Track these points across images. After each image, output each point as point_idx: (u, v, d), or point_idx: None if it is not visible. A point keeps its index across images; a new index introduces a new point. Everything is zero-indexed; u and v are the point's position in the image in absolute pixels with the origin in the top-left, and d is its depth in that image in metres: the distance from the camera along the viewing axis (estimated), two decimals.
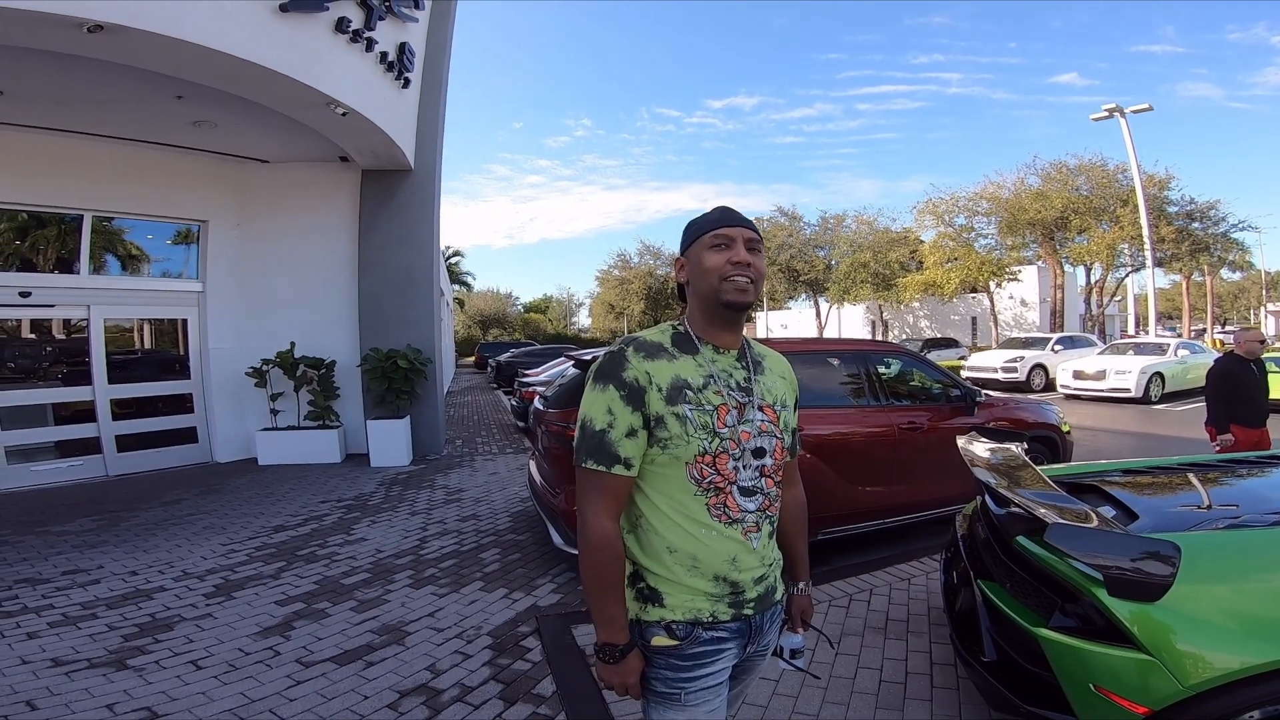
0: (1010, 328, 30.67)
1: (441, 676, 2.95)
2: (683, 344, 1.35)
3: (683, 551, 1.30)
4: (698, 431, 1.27)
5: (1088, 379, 14.10)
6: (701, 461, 1.28)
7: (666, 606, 1.31)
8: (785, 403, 1.43)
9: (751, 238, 1.34)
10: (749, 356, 1.41)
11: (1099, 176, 23.72)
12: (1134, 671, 1.78)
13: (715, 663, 1.33)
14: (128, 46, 4.56)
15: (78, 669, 2.99)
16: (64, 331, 7.48)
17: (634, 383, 1.27)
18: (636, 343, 1.33)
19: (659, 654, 1.31)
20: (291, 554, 4.66)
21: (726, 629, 1.33)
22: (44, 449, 7.07)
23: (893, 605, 3.60)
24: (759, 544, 1.35)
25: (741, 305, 1.32)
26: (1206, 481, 2.82)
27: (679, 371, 1.30)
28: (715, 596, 1.31)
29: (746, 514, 1.32)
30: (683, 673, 1.31)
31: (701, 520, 1.30)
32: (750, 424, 1.33)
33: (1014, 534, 2.26)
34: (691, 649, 1.30)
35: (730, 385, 1.33)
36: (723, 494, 1.30)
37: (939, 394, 5.19)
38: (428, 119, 8.63)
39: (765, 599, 1.38)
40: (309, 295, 8.42)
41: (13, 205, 6.83)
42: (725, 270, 1.30)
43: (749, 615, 1.34)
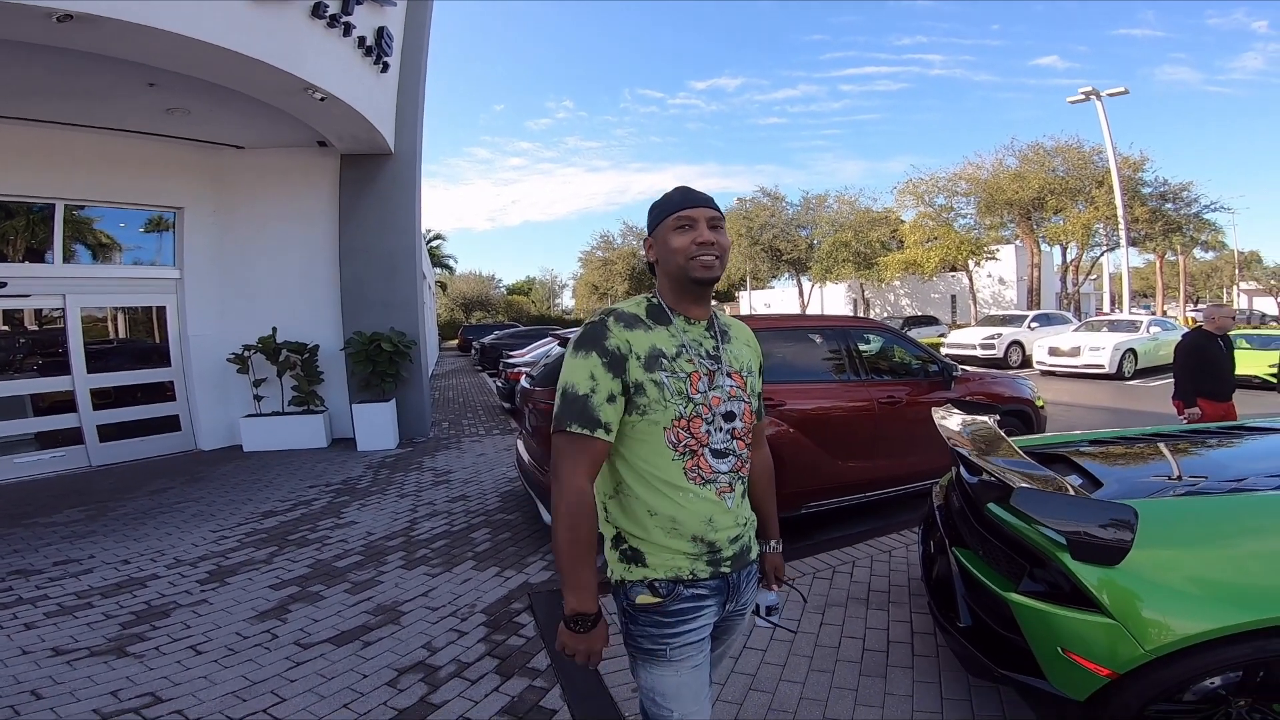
0: (989, 306, 31.07)
1: (438, 654, 3.02)
2: (657, 315, 1.43)
3: (663, 514, 1.37)
4: (674, 397, 1.35)
5: (1063, 355, 14.37)
6: (678, 426, 1.36)
7: (649, 566, 1.39)
8: (751, 369, 1.52)
9: (713, 216, 1.42)
10: (717, 326, 1.50)
11: (1075, 158, 23.98)
12: (1098, 635, 1.84)
13: (697, 619, 1.41)
14: (98, 35, 4.47)
15: (79, 657, 3.03)
16: (37, 322, 7.37)
17: (616, 350, 1.33)
18: (616, 313, 1.40)
19: (643, 612, 1.39)
20: (282, 539, 4.70)
21: (706, 586, 1.41)
22: (24, 441, 7.00)
23: (874, 577, 3.72)
24: (733, 503, 1.43)
25: (709, 280, 1.41)
26: (1172, 451, 2.93)
27: (655, 341, 1.38)
28: (694, 555, 1.39)
29: (719, 475, 1.41)
30: (666, 629, 1.38)
31: (678, 483, 1.37)
32: (720, 389, 1.41)
33: (986, 501, 2.32)
34: (673, 605, 1.38)
35: (701, 354, 1.42)
36: (697, 456, 1.38)
37: (918, 369, 5.30)
38: (407, 103, 8.54)
39: (741, 558, 1.47)
40: (290, 281, 8.36)
41: None
42: (691, 250, 1.38)
43: (726, 573, 1.43)
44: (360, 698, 2.67)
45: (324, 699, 2.65)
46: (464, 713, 2.55)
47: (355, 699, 2.65)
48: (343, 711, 2.56)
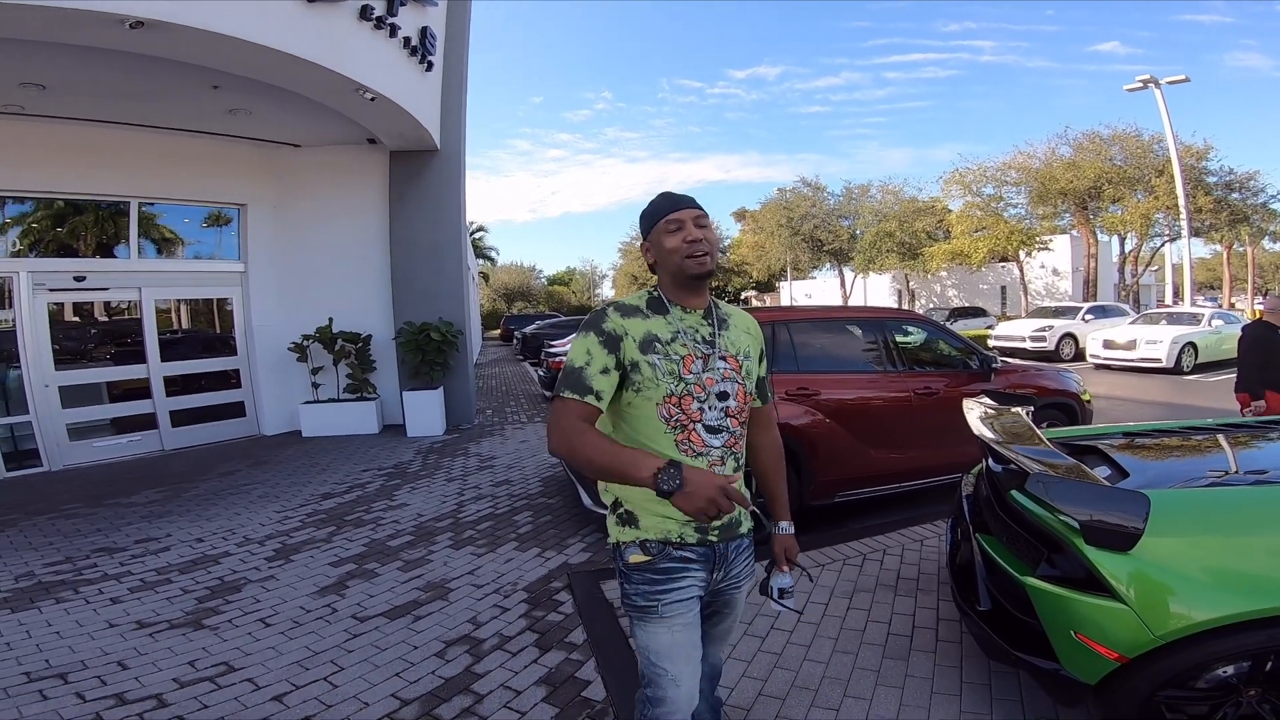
0: (1041, 297, 30.15)
1: (482, 628, 3.20)
2: (655, 306, 1.58)
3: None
4: (665, 377, 1.50)
5: (1118, 348, 13.91)
6: (669, 402, 1.50)
7: (641, 528, 1.56)
8: (749, 354, 1.64)
9: (698, 215, 1.57)
10: (715, 315, 1.63)
11: (1133, 146, 23.05)
12: (1110, 619, 1.87)
13: (684, 579, 1.56)
14: (167, 41, 4.78)
15: (159, 630, 3.25)
16: (107, 313, 7.86)
17: (612, 332, 1.51)
18: (616, 304, 1.57)
19: (636, 570, 1.56)
20: (340, 519, 4.98)
21: (693, 550, 1.56)
22: (101, 426, 7.49)
23: (904, 565, 3.78)
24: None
25: (704, 275, 1.55)
26: (1205, 445, 2.91)
27: (650, 328, 1.54)
28: (683, 520, 1.54)
29: (712, 449, 1.54)
30: (657, 586, 1.55)
31: (670, 455, 1.49)
32: (714, 371, 1.55)
33: (1009, 488, 2.36)
34: (663, 564, 1.54)
35: (696, 339, 1.56)
36: (688, 430, 1.52)
37: (957, 361, 5.28)
38: (451, 99, 8.80)
39: (729, 529, 1.61)
40: (344, 272, 8.74)
41: (60, 195, 7.18)
42: (684, 249, 1.53)
43: (713, 542, 1.58)
44: (411, 667, 2.86)
45: (378, 668, 2.85)
46: (505, 682, 2.72)
47: (406, 668, 2.84)
48: (395, 680, 2.75)
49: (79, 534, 4.76)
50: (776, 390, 4.31)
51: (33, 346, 6.81)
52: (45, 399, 6.86)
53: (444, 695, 2.63)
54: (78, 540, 4.62)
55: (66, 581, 3.87)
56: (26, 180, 6.87)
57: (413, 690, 2.68)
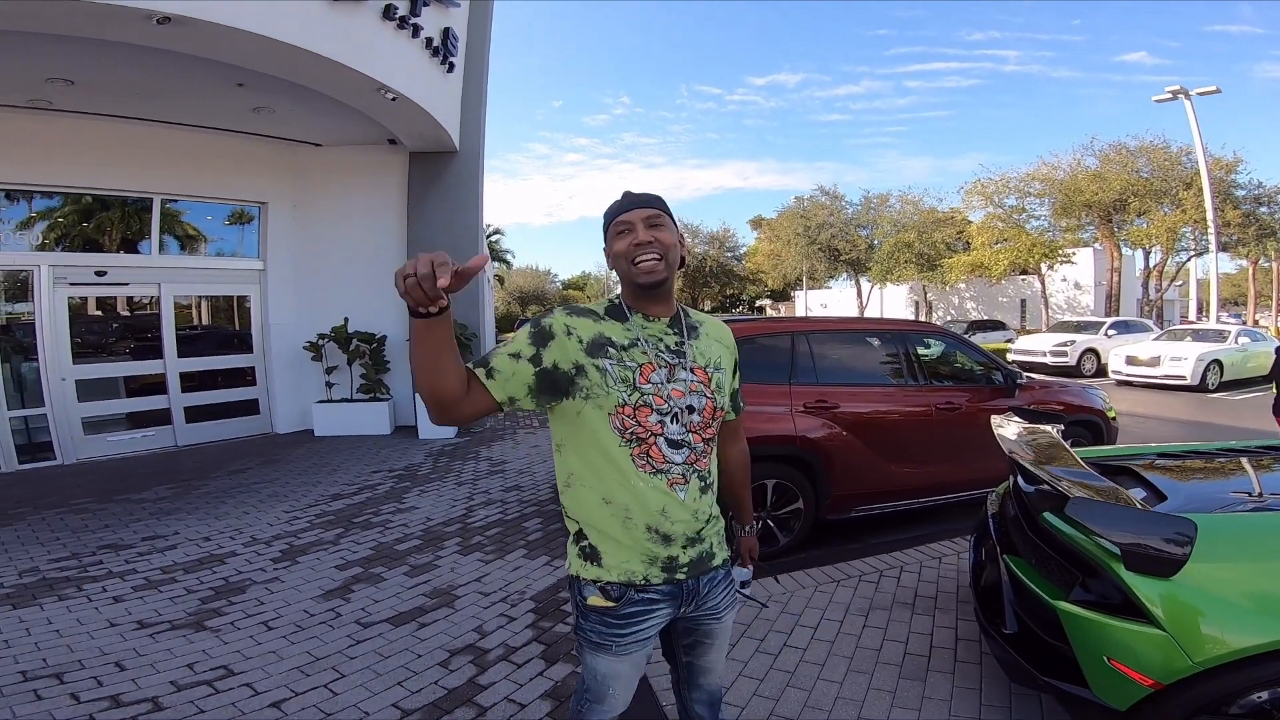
0: (1062, 311, 29.74)
1: (488, 637, 3.13)
2: (615, 313, 1.47)
3: (616, 502, 1.40)
4: (616, 384, 1.37)
5: (1141, 365, 13.65)
6: (622, 413, 1.37)
7: (603, 566, 1.43)
8: (720, 365, 1.52)
9: (650, 215, 1.42)
10: (684, 323, 1.51)
11: (1161, 159, 22.66)
12: (1146, 646, 1.84)
13: (646, 621, 1.45)
14: (193, 37, 4.80)
15: (161, 630, 3.20)
16: (129, 308, 7.93)
17: (548, 328, 1.38)
18: (568, 305, 1.48)
19: (594, 612, 1.44)
20: (348, 521, 4.94)
21: (658, 591, 1.44)
22: (116, 420, 7.52)
23: (922, 582, 3.67)
24: (687, 496, 1.43)
25: (652, 284, 1.41)
26: (1244, 467, 2.80)
27: (603, 331, 1.41)
28: (650, 558, 1.41)
29: (672, 465, 1.41)
30: (615, 629, 1.44)
31: (627, 470, 1.39)
32: (681, 383, 1.42)
33: (1041, 510, 2.30)
34: (625, 610, 1.42)
35: (660, 348, 1.44)
36: (646, 444, 1.39)
37: (979, 375, 5.18)
38: (471, 101, 8.81)
39: (700, 564, 1.48)
40: (361, 272, 8.73)
41: (86, 190, 7.24)
42: (631, 253, 1.40)
43: (681, 580, 1.45)
44: (413, 676, 2.79)
45: (380, 676, 2.78)
46: (509, 694, 2.65)
47: (409, 677, 2.78)
48: (397, 689, 2.68)
49: (87, 529, 4.76)
50: (795, 402, 4.24)
51: (51, 340, 6.86)
52: (61, 392, 6.90)
53: (446, 707, 2.56)
54: (85, 536, 4.61)
55: (71, 578, 3.85)
56: (53, 175, 6.93)
57: (415, 700, 2.61)
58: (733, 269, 44.28)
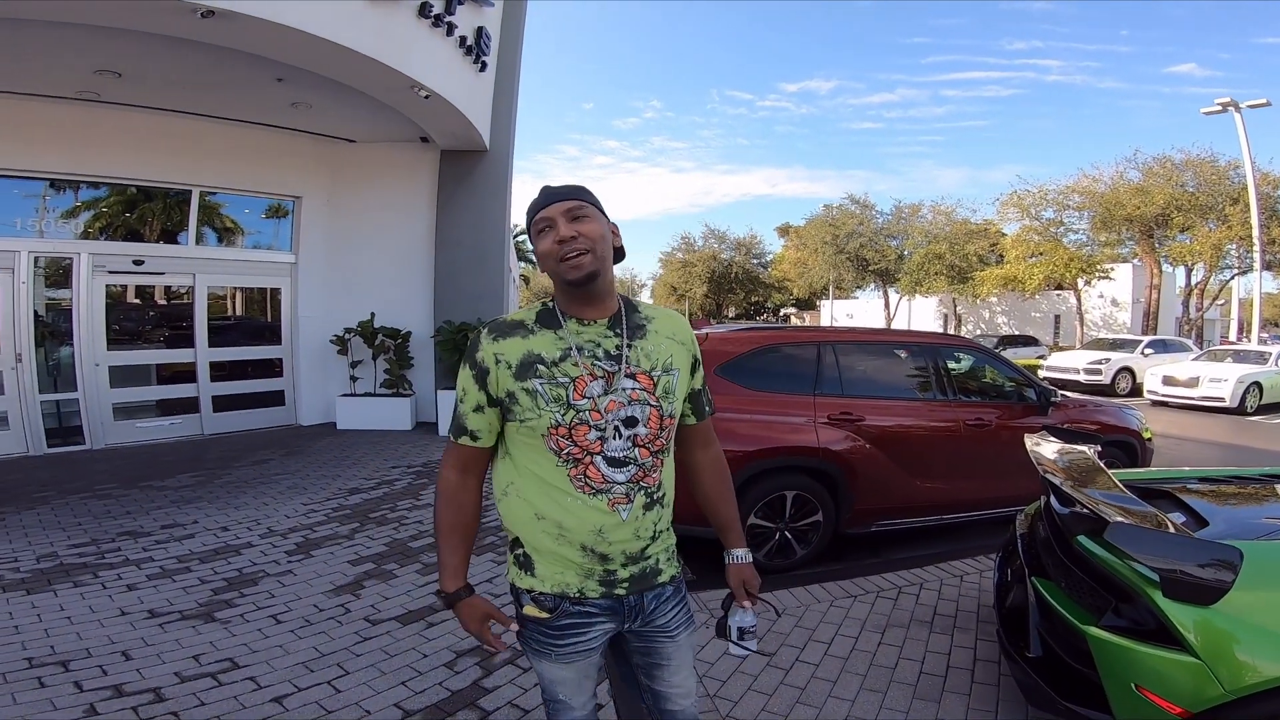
0: (1098, 328, 29.02)
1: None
2: (546, 320, 1.34)
3: (549, 519, 1.32)
4: (549, 405, 1.27)
5: (1178, 385, 13.26)
6: (557, 434, 1.28)
7: (536, 576, 1.35)
8: (671, 366, 1.38)
9: (571, 207, 1.31)
10: (626, 323, 1.37)
11: (1207, 173, 22.00)
12: (1179, 673, 1.80)
13: (585, 633, 1.37)
14: (235, 31, 4.89)
15: (170, 620, 3.20)
16: (165, 297, 8.10)
17: (481, 363, 1.31)
18: (492, 324, 1.36)
19: (529, 621, 1.38)
20: (364, 516, 4.94)
21: (595, 605, 1.35)
22: (146, 407, 7.68)
23: (942, 600, 3.57)
24: (629, 515, 1.32)
25: (581, 281, 1.29)
26: None
27: (532, 347, 1.30)
28: (585, 572, 1.33)
29: (614, 484, 1.30)
30: (552, 639, 1.37)
31: (565, 489, 1.30)
32: (619, 393, 1.30)
33: (1075, 533, 2.24)
34: (559, 621, 1.35)
35: (596, 355, 1.32)
36: (583, 464, 1.29)
37: (1011, 392, 5.05)
38: (502, 101, 8.85)
39: (642, 579, 1.37)
40: (389, 268, 8.84)
41: (130, 180, 7.43)
42: (555, 251, 1.29)
43: (621, 595, 1.36)
44: (418, 676, 2.75)
45: (385, 675, 2.75)
46: (513, 699, 2.60)
47: (413, 677, 2.74)
48: (400, 689, 2.65)
49: (109, 515, 4.82)
50: (818, 414, 4.14)
51: (87, 325, 7.02)
52: (94, 378, 7.05)
53: (448, 709, 2.52)
54: (106, 522, 4.67)
55: (88, 565, 3.88)
56: (99, 166, 7.11)
57: (417, 701, 2.57)
58: (758, 276, 44.03)
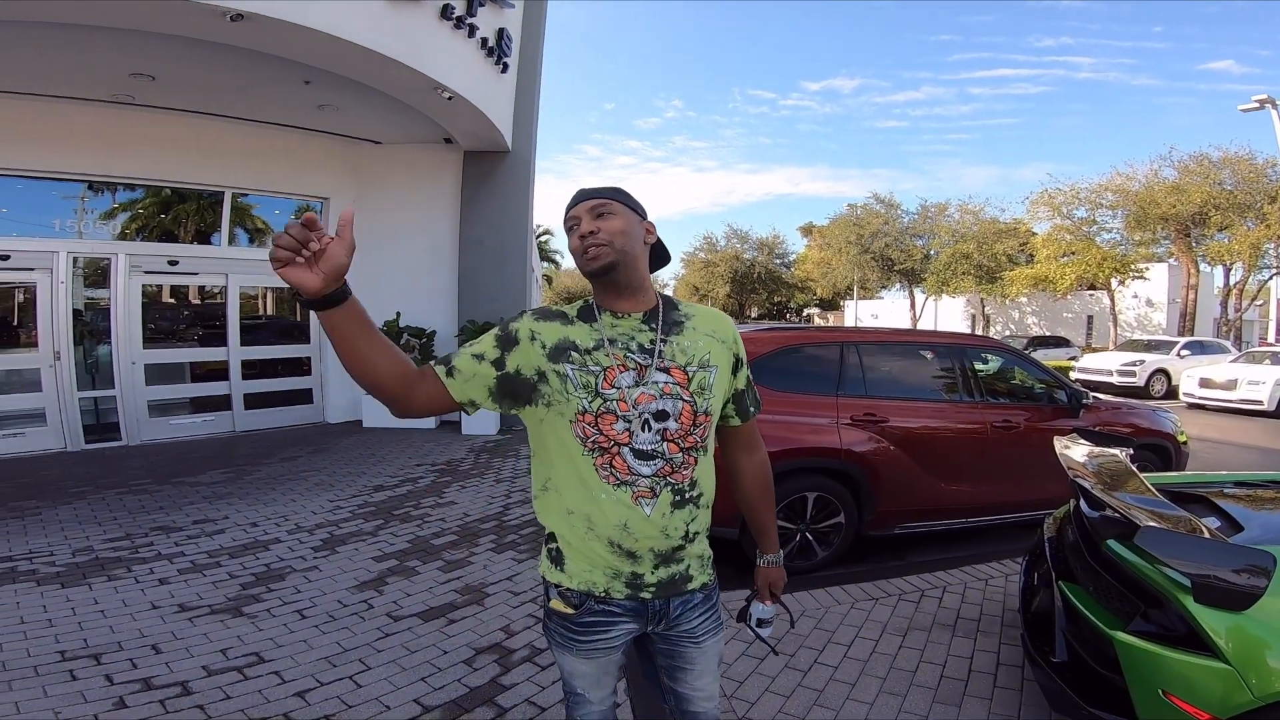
0: (1132, 329, 28.36)
1: (514, 637, 3.10)
2: (584, 314, 1.38)
3: (579, 513, 1.33)
4: (577, 390, 1.29)
5: (1216, 388, 12.90)
6: (583, 420, 1.29)
7: (566, 573, 1.37)
8: (708, 363, 1.37)
9: (595, 204, 1.34)
10: (662, 318, 1.39)
11: (1245, 170, 21.35)
12: (1207, 679, 1.78)
13: (609, 631, 1.38)
14: (263, 34, 5.00)
15: (200, 614, 3.25)
16: (199, 297, 8.28)
17: (513, 333, 1.33)
18: (536, 309, 1.40)
19: (556, 615, 1.39)
20: (389, 513, 5.00)
21: (619, 605, 1.36)
22: (180, 404, 7.86)
23: (965, 604, 3.51)
24: (653, 511, 1.31)
25: (597, 272, 1.32)
26: None
27: (569, 334, 1.33)
28: (612, 572, 1.34)
29: (639, 477, 1.30)
30: (575, 634, 1.38)
31: (590, 481, 1.31)
32: (651, 386, 1.31)
33: (1105, 537, 2.20)
34: (583, 618, 1.36)
35: (630, 348, 1.33)
36: (609, 454, 1.30)
37: (1041, 394, 4.96)
38: (524, 102, 8.92)
39: (671, 585, 1.37)
40: (414, 268, 8.95)
41: (165, 183, 7.62)
42: (578, 247, 1.33)
43: (646, 599, 1.36)
44: (438, 672, 2.78)
45: (405, 670, 2.78)
46: (530, 696, 2.62)
47: (433, 673, 2.77)
48: (420, 685, 2.68)
49: (143, 510, 4.93)
50: (841, 414, 4.10)
51: (124, 325, 7.21)
52: (131, 375, 7.24)
53: (467, 705, 2.54)
54: (140, 517, 4.78)
55: (122, 559, 3.97)
56: (133, 167, 7.30)
57: (436, 697, 2.60)
58: (781, 276, 43.73)
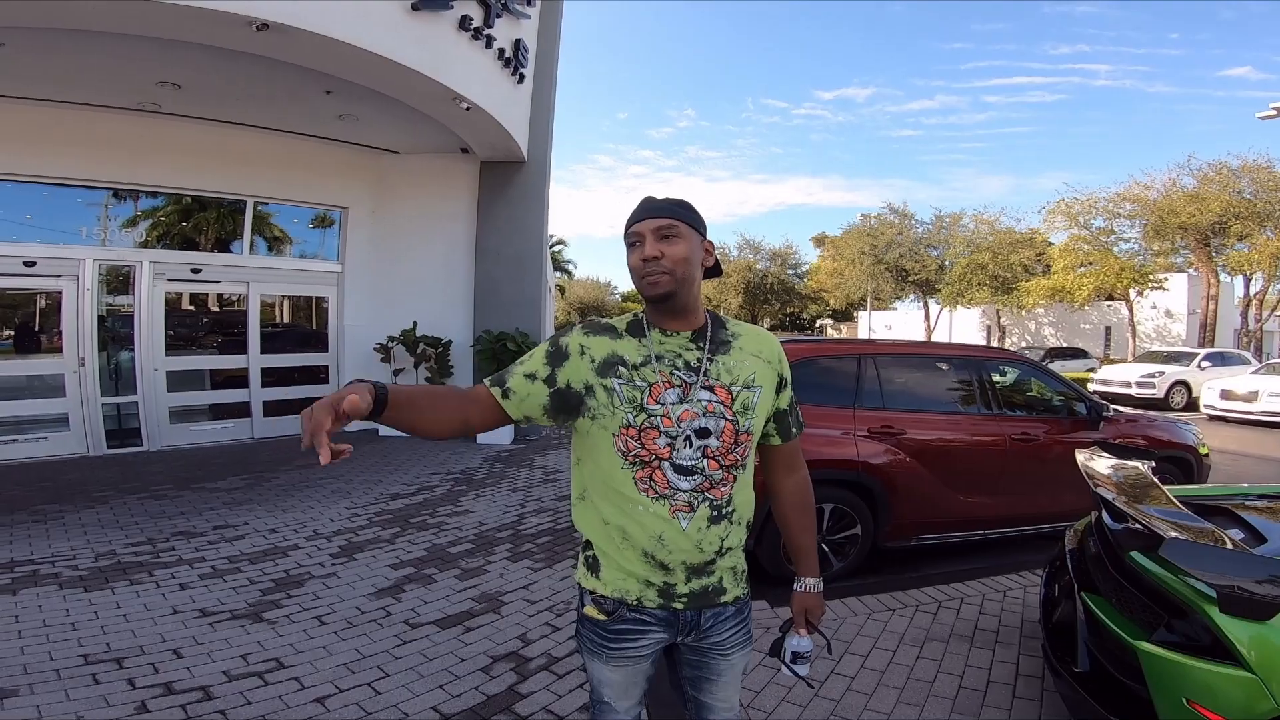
0: (1151, 340, 28.00)
1: (531, 645, 3.11)
2: (634, 329, 1.39)
3: (614, 524, 1.35)
4: (623, 405, 1.31)
5: (1237, 400, 12.72)
6: (626, 434, 1.31)
7: (600, 579, 1.39)
8: (752, 383, 1.38)
9: (661, 225, 1.32)
10: (710, 337, 1.40)
11: (1265, 179, 21.10)
12: (1231, 688, 1.79)
13: (639, 639, 1.39)
14: (286, 44, 5.10)
15: (221, 619, 3.29)
16: (218, 305, 8.39)
17: (564, 348, 1.36)
18: (587, 322, 1.42)
19: (588, 621, 1.42)
20: (405, 521, 5.03)
21: (651, 615, 1.37)
22: (200, 411, 7.96)
23: (984, 615, 3.49)
24: (689, 524, 1.33)
25: (658, 298, 1.33)
26: None
27: (617, 349, 1.35)
28: (645, 582, 1.35)
29: (678, 491, 1.32)
30: (606, 641, 1.40)
31: (628, 494, 1.33)
32: (695, 403, 1.32)
33: (1129, 549, 2.20)
34: (615, 625, 1.38)
35: (676, 365, 1.34)
36: (650, 468, 1.31)
37: (1059, 406, 4.92)
38: (539, 112, 9.00)
39: (703, 597, 1.38)
40: (430, 277, 9.04)
41: (187, 191, 7.75)
42: (639, 269, 1.33)
43: (679, 610, 1.37)
44: (455, 680, 2.79)
45: (423, 678, 2.80)
46: (547, 705, 2.62)
47: (450, 681, 2.78)
48: (437, 692, 2.69)
49: (164, 515, 4.99)
50: (858, 426, 4.10)
51: (148, 331, 7.32)
52: (153, 382, 7.35)
53: (484, 713, 2.55)
54: (162, 522, 4.83)
55: (144, 564, 4.02)
56: (157, 176, 7.44)
57: (454, 705, 2.61)
58: (794, 287, 43.62)
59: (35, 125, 6.59)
